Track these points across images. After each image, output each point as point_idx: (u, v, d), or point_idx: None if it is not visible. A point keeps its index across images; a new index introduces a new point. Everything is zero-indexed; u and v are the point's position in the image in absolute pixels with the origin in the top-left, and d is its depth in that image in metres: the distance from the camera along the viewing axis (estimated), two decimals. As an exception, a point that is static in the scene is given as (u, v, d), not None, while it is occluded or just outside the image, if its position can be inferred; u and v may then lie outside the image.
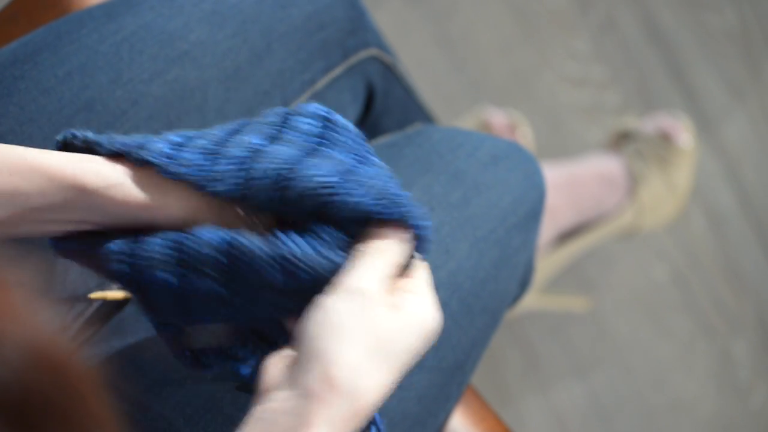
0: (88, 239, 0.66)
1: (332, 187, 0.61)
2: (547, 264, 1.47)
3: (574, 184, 1.44)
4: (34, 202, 0.63)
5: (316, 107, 0.67)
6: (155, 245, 0.64)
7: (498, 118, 1.51)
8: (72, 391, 0.43)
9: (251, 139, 0.65)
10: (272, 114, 0.68)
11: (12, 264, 0.43)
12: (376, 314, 0.58)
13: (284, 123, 0.67)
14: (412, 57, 1.63)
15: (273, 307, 0.63)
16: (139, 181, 0.64)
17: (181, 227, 0.64)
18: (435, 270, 0.80)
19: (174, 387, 0.76)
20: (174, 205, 0.65)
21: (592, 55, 1.68)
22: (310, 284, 0.61)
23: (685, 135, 1.50)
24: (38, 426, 0.41)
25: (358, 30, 0.95)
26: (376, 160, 0.66)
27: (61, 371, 0.43)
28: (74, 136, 0.66)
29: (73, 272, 0.80)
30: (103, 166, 0.64)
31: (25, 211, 0.64)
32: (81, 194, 0.64)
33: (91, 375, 0.44)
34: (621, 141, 1.52)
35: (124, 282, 0.65)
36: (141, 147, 0.64)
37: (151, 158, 0.64)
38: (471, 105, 1.64)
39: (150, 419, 0.75)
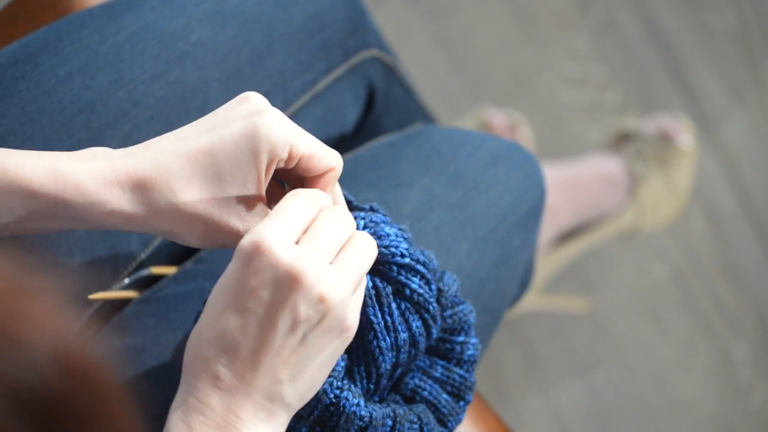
0: None
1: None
2: (547, 264, 1.47)
3: (575, 184, 1.44)
4: (17, 213, 0.63)
5: None
6: None
7: (498, 118, 1.51)
8: (96, 395, 0.43)
9: None
10: None
11: (36, 272, 0.43)
12: None
13: None
14: (412, 57, 1.63)
15: None
16: (125, 198, 0.64)
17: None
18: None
19: (175, 386, 0.76)
20: (163, 221, 0.65)
21: (592, 55, 1.68)
22: None
23: (685, 136, 1.50)
24: (63, 429, 0.42)
25: (359, 30, 0.94)
26: None
27: (86, 376, 0.43)
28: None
29: (74, 273, 0.80)
30: (85, 182, 0.63)
31: (9, 222, 0.64)
32: (63, 208, 0.63)
33: (114, 379, 0.45)
34: (621, 141, 1.52)
35: None
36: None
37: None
38: (471, 105, 1.64)
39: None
